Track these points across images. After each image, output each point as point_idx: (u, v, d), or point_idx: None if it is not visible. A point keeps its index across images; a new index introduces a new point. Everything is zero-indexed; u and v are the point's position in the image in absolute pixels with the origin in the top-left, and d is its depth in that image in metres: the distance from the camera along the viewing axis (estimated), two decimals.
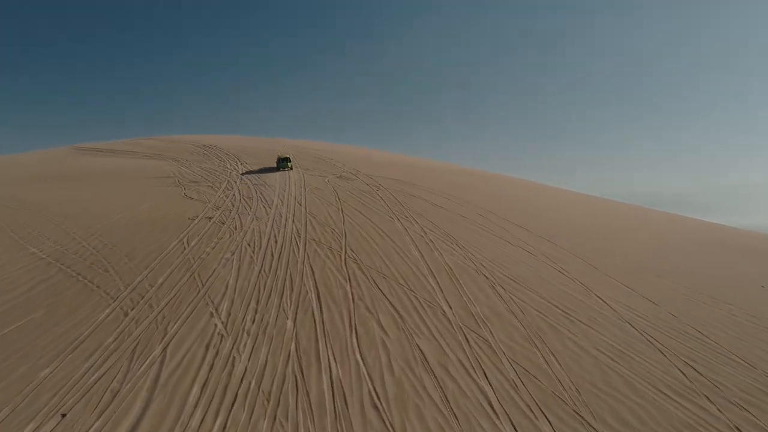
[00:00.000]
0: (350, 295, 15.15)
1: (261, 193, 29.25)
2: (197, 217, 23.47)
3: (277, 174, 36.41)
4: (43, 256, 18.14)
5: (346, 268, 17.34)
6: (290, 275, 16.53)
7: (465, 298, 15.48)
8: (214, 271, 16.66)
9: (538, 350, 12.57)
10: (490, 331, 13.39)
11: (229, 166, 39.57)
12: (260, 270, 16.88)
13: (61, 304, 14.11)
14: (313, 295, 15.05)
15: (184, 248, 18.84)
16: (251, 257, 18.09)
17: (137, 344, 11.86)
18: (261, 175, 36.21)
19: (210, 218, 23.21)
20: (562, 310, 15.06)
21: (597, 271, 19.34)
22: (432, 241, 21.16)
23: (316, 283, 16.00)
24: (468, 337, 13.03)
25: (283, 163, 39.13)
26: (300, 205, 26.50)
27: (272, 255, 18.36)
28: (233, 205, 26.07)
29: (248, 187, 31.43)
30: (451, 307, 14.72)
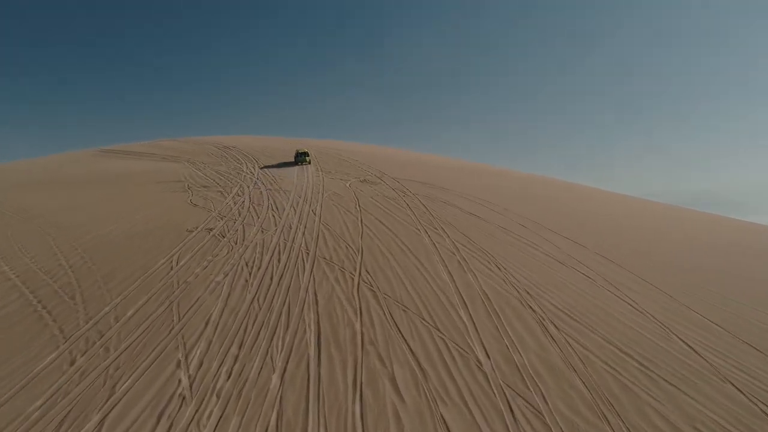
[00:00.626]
0: (359, 337, 11.90)
1: (273, 200, 26.39)
2: (197, 228, 20.77)
3: (295, 177, 33.57)
4: (12, 276, 15.74)
5: (359, 298, 14.12)
6: (288, 306, 13.44)
7: (507, 342, 11.97)
8: (197, 299, 13.76)
9: (611, 428, 9.01)
10: (543, 396, 9.88)
11: (245, 169, 37.03)
12: (253, 299, 13.87)
13: (1, 345, 11.47)
14: (312, 336, 11.88)
15: (171, 268, 16.08)
16: (246, 281, 15.12)
17: (69, 412, 8.97)
18: (277, 177, 33.44)
19: (210, 230, 20.46)
20: (638, 362, 11.34)
21: (673, 301, 15.38)
22: (465, 260, 17.66)
23: (318, 317, 12.84)
24: (512, 404, 9.58)
25: (301, 158, 38.96)
26: (314, 213, 23.47)
27: (271, 278, 15.33)
28: (240, 214, 23.28)
29: (261, 192, 28.64)
30: (489, 357, 11.25)
